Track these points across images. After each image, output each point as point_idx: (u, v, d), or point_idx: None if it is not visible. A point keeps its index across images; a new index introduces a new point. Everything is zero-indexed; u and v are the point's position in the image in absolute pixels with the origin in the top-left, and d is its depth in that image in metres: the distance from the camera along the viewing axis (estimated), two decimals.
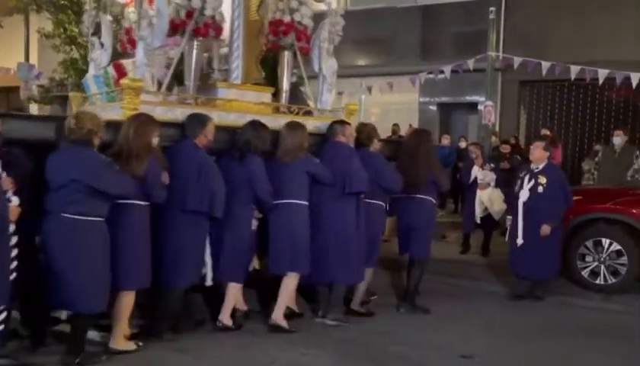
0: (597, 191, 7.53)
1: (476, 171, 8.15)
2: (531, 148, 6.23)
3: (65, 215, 3.73)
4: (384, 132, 9.57)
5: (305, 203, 4.76)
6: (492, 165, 8.40)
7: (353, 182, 4.82)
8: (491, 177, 8.12)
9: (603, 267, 6.48)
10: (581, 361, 4.51)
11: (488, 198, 8.05)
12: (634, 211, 6.54)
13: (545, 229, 5.82)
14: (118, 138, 4.06)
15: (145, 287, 4.15)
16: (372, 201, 5.19)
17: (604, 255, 6.48)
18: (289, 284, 4.79)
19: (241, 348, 4.37)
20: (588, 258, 6.55)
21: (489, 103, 11.37)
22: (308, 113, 5.60)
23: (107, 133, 3.98)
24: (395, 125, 12.89)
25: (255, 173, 4.55)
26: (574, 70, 10.15)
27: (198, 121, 4.45)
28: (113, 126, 4.11)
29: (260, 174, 4.56)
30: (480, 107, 13.40)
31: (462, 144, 11.38)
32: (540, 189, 5.88)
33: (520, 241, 5.94)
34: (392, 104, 14.51)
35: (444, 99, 14.35)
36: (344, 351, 4.43)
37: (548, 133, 10.67)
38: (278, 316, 4.74)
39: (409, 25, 14.22)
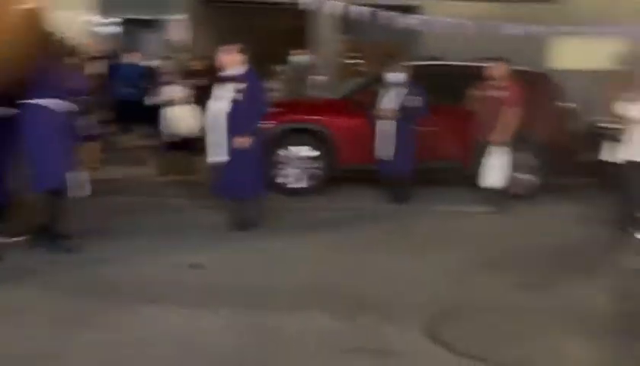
0: (290, 103, 8.16)
1: (168, 89, 8.09)
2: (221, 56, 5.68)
3: None
4: None
5: None
6: (182, 81, 8.38)
7: None
8: (182, 93, 8.12)
9: (300, 172, 7.11)
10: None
11: (179, 115, 8.05)
12: (321, 119, 7.31)
13: (241, 141, 5.21)
14: None
15: None
16: None
17: (302, 161, 7.10)
18: None
19: None
20: (283, 166, 7.07)
21: (178, 18, 11.07)
22: None
23: None
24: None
25: None
26: None
27: None
28: None
29: None
30: (165, 24, 12.92)
31: (154, 62, 10.83)
32: (240, 97, 5.29)
33: (222, 158, 5.32)
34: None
35: (125, 16, 13.34)
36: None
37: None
38: None
39: None
